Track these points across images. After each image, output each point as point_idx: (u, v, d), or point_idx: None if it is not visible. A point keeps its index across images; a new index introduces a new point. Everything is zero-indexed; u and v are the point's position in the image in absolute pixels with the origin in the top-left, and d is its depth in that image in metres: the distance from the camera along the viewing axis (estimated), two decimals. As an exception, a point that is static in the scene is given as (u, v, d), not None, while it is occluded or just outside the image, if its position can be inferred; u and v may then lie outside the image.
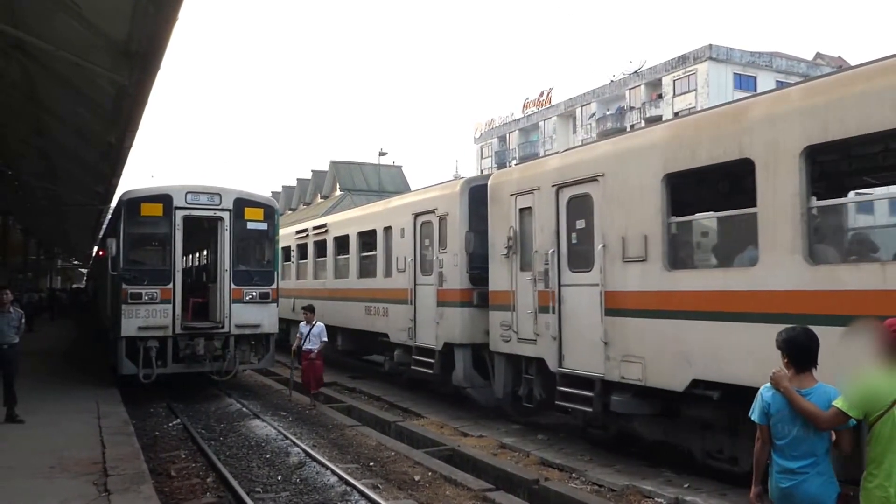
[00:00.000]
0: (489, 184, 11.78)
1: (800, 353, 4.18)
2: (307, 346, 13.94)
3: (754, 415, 4.27)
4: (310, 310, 14.46)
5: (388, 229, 15.06)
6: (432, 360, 12.98)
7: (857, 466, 4.20)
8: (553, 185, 9.97)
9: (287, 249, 21.73)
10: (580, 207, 9.54)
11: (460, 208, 12.39)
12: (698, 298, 7.64)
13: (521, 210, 10.70)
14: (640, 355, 8.35)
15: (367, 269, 16.29)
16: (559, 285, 9.79)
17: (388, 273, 14.92)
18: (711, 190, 8.90)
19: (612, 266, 8.81)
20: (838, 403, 3.91)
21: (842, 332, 5.68)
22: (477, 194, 12.22)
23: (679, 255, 8.41)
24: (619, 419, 9.02)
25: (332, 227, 18.91)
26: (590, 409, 9.19)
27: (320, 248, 19.69)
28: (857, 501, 4.03)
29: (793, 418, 4.07)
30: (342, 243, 18.02)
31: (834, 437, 4.07)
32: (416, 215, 13.79)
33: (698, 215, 8.76)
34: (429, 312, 13.09)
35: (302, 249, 21.27)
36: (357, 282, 16.72)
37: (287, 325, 20.09)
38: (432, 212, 13.22)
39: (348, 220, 18.33)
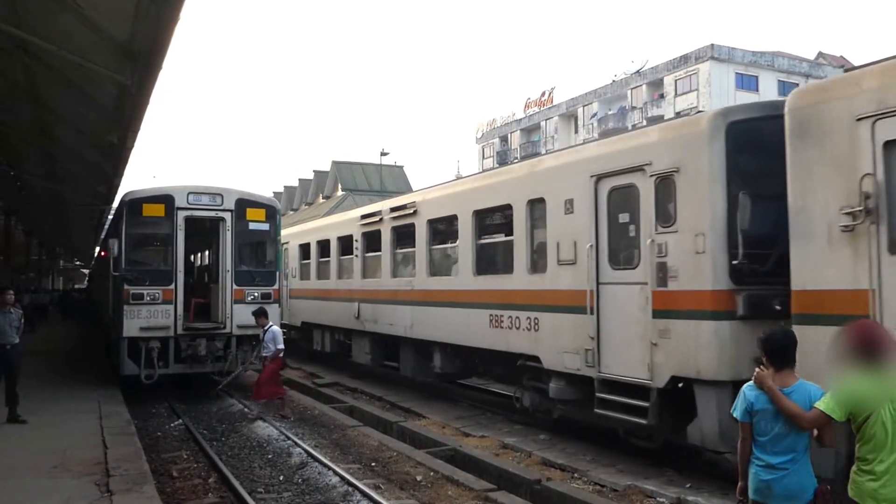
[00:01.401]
0: (790, 106, 6.91)
1: (777, 352, 4.27)
2: (263, 352, 13.21)
3: (737, 412, 4.34)
4: (261, 314, 13.51)
5: (536, 202, 10.69)
6: (644, 404, 8.41)
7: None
8: None
9: (347, 239, 17.62)
10: None
11: (710, 158, 7.86)
12: None
13: (889, 144, 6.22)
14: None
15: (490, 263, 12.11)
16: None
17: (536, 267, 10.70)
18: None
19: None
20: (821, 406, 3.96)
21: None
22: (740, 135, 7.89)
23: None
24: None
25: (425, 206, 14.07)
26: None
27: (403, 235, 14.96)
28: (833, 494, 4.11)
29: (775, 416, 4.15)
30: (441, 228, 13.74)
31: (816, 433, 4.13)
32: (600, 177, 9.32)
33: None
34: (631, 327, 8.73)
35: (371, 238, 16.33)
36: (473, 280, 12.22)
37: (349, 336, 17.68)
38: (639, 169, 8.69)
39: (454, 194, 13.48)
